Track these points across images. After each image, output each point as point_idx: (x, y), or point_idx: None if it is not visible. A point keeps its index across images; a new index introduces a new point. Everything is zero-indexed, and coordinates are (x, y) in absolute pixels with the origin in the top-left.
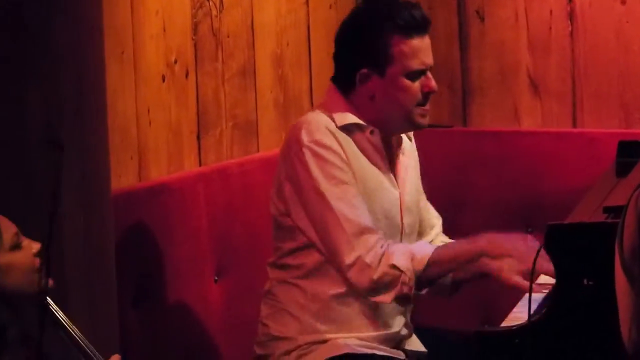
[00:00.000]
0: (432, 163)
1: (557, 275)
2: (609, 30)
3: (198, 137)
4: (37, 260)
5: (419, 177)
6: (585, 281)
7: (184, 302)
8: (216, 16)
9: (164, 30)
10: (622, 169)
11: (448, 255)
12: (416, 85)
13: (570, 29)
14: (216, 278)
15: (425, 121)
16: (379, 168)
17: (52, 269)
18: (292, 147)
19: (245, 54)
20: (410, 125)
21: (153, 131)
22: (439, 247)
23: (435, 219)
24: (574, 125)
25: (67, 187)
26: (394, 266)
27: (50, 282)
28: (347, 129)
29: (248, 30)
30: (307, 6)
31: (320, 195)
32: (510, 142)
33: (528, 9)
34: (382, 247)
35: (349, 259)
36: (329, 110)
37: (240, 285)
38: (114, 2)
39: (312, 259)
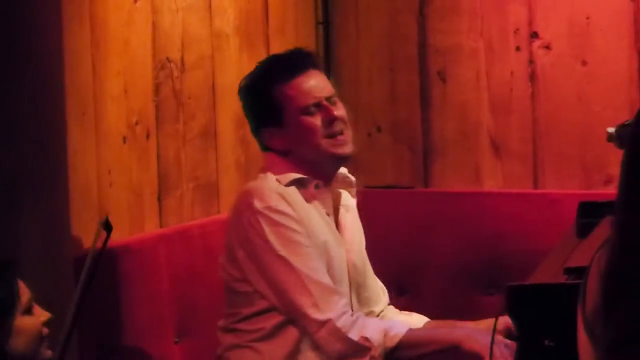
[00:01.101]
0: (393, 224)
1: (517, 335)
2: (569, 91)
3: (159, 199)
4: (45, 330)
5: (363, 237)
6: (545, 341)
7: None
8: (177, 77)
9: (125, 92)
10: (583, 230)
11: (422, 338)
12: (316, 118)
13: (531, 90)
14: (177, 339)
15: (342, 150)
16: (326, 224)
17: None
18: (244, 214)
19: (206, 115)
20: (330, 158)
21: (114, 192)
22: (413, 329)
23: (380, 290)
24: (535, 186)
25: (26, 250)
26: (365, 339)
27: (49, 353)
28: (292, 185)
29: (209, 91)
30: None
31: (281, 259)
32: (472, 203)
33: (489, 70)
34: (352, 314)
35: (317, 319)
36: (272, 173)
37: (201, 346)
38: (76, 63)
39: (271, 322)
